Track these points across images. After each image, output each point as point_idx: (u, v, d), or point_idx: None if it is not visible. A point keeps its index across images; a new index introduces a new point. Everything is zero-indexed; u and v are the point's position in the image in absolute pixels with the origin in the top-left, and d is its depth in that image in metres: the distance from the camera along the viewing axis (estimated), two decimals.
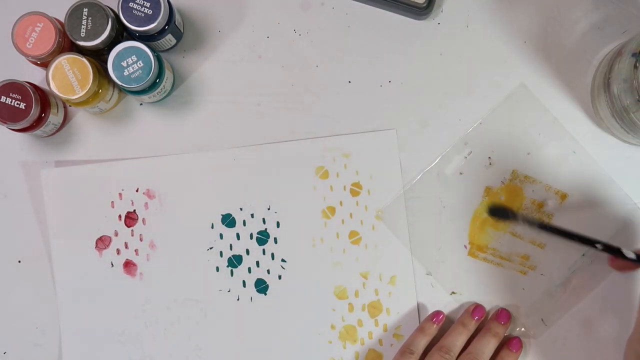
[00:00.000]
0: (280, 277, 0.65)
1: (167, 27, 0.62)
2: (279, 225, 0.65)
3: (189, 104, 0.66)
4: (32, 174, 0.65)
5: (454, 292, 0.64)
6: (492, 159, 0.64)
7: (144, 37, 0.62)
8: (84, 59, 0.60)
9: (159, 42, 0.63)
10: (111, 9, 0.61)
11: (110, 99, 0.64)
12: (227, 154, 0.65)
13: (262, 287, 0.65)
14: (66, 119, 0.66)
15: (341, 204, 0.65)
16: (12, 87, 0.61)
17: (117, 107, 0.66)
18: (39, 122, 0.62)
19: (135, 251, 0.65)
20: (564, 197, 0.64)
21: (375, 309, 0.64)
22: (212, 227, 0.65)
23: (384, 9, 0.65)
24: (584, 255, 0.63)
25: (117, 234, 0.65)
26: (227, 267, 0.65)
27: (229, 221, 0.65)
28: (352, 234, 0.65)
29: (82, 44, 0.60)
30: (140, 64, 0.60)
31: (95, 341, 0.64)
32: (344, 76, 0.65)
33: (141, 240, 0.65)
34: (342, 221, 0.65)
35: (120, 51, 0.60)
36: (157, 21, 0.60)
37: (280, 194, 0.65)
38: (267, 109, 0.65)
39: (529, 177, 0.64)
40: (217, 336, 0.64)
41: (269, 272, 0.65)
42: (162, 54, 0.63)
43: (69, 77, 0.60)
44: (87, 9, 0.60)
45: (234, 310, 0.64)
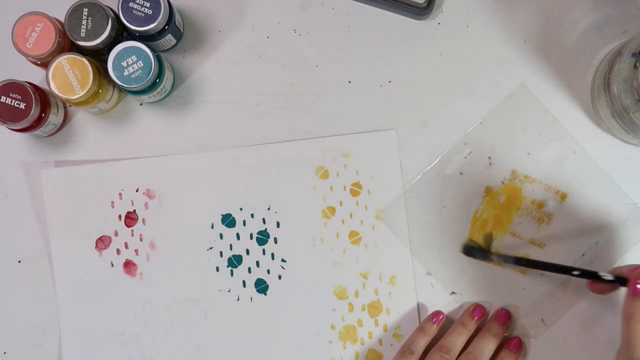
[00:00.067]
0: (280, 277, 0.64)
1: (167, 27, 0.62)
2: (279, 225, 0.65)
3: (189, 104, 0.66)
4: (32, 174, 0.65)
5: (454, 292, 0.64)
6: (492, 159, 0.64)
7: (144, 37, 0.62)
8: (84, 59, 0.60)
9: (159, 42, 0.63)
10: (111, 9, 0.61)
11: (110, 99, 0.64)
12: (227, 154, 0.65)
13: (262, 287, 0.65)
14: (66, 119, 0.66)
15: (341, 204, 0.65)
16: (12, 87, 0.61)
17: (117, 107, 0.66)
18: (39, 122, 0.62)
19: (135, 251, 0.65)
20: (564, 197, 0.64)
21: (375, 309, 0.64)
22: (212, 227, 0.65)
23: (384, 9, 0.65)
24: (584, 255, 0.63)
25: (117, 234, 0.65)
26: (227, 267, 0.65)
27: (229, 221, 0.65)
28: (352, 234, 0.65)
29: (82, 44, 0.60)
30: (140, 64, 0.60)
31: (95, 341, 0.64)
32: (344, 76, 0.65)
33: (141, 240, 0.65)
34: (342, 221, 0.65)
35: (120, 51, 0.60)
36: (157, 21, 0.60)
37: (280, 194, 0.65)
38: (267, 109, 0.65)
39: (529, 177, 0.64)
40: (217, 336, 0.64)
41: (269, 272, 0.65)
42: (162, 54, 0.63)
43: (69, 77, 0.60)
44: (87, 9, 0.60)
45: (234, 310, 0.64)
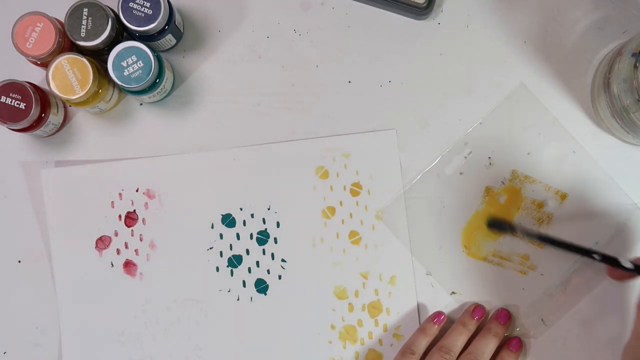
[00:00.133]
0: (280, 277, 0.64)
1: (167, 27, 0.62)
2: (279, 225, 0.65)
3: (189, 104, 0.66)
4: (32, 174, 0.65)
5: (454, 292, 0.64)
6: (492, 159, 0.64)
7: (144, 37, 0.62)
8: (84, 59, 0.60)
9: (159, 42, 0.63)
10: (111, 9, 0.61)
11: (110, 99, 0.64)
12: (227, 154, 0.65)
13: (262, 287, 0.65)
14: (66, 119, 0.66)
15: (341, 204, 0.65)
16: (12, 87, 0.61)
17: (117, 107, 0.66)
18: (39, 122, 0.62)
19: (135, 251, 0.65)
20: (564, 197, 0.64)
21: (375, 309, 0.64)
22: (212, 227, 0.65)
23: (384, 9, 0.65)
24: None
25: (117, 234, 0.65)
26: (227, 267, 0.65)
27: (229, 221, 0.65)
28: (352, 234, 0.65)
29: (82, 44, 0.60)
30: (140, 64, 0.60)
31: (95, 341, 0.64)
32: (344, 76, 0.65)
33: (141, 240, 0.65)
34: (342, 221, 0.65)
35: (120, 51, 0.60)
36: (157, 21, 0.60)
37: (280, 194, 0.65)
38: (267, 109, 0.65)
39: (529, 177, 0.64)
40: (217, 336, 0.64)
41: (269, 272, 0.65)
42: (162, 54, 0.63)
43: (69, 77, 0.60)
44: (87, 9, 0.60)
45: (234, 310, 0.64)
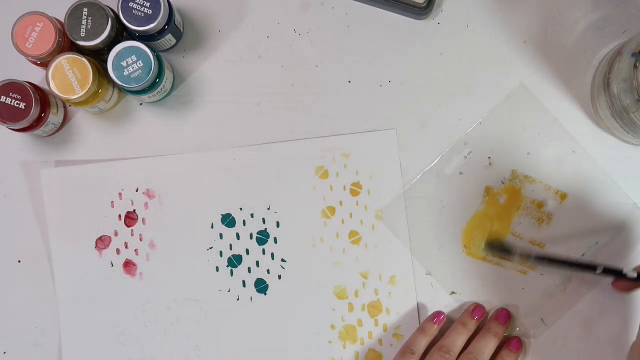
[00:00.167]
0: (280, 277, 0.64)
1: (167, 27, 0.62)
2: (279, 225, 0.65)
3: (189, 104, 0.66)
4: (32, 174, 0.65)
5: (454, 292, 0.64)
6: (492, 159, 0.64)
7: (144, 37, 0.62)
8: (84, 59, 0.60)
9: (159, 42, 0.63)
10: (111, 9, 0.61)
11: (110, 99, 0.64)
12: (227, 154, 0.65)
13: (262, 287, 0.65)
14: (66, 119, 0.66)
15: (341, 204, 0.65)
16: (12, 87, 0.60)
17: (117, 107, 0.66)
18: (39, 122, 0.62)
19: (135, 251, 0.65)
20: (564, 197, 0.64)
21: (375, 309, 0.64)
22: (212, 227, 0.65)
23: (384, 9, 0.65)
24: (584, 255, 0.63)
25: (117, 234, 0.65)
26: (227, 267, 0.65)
27: (229, 221, 0.65)
28: (352, 234, 0.65)
29: (82, 44, 0.60)
30: (140, 64, 0.60)
31: (95, 341, 0.64)
32: (344, 76, 0.65)
33: (141, 240, 0.65)
34: (342, 221, 0.65)
35: (120, 51, 0.60)
36: (157, 21, 0.60)
37: (280, 194, 0.65)
38: (267, 109, 0.65)
39: (529, 177, 0.64)
40: (217, 336, 0.64)
41: (269, 272, 0.65)
42: (162, 54, 0.63)
43: (69, 77, 0.60)
44: (87, 9, 0.60)
45: (234, 310, 0.64)
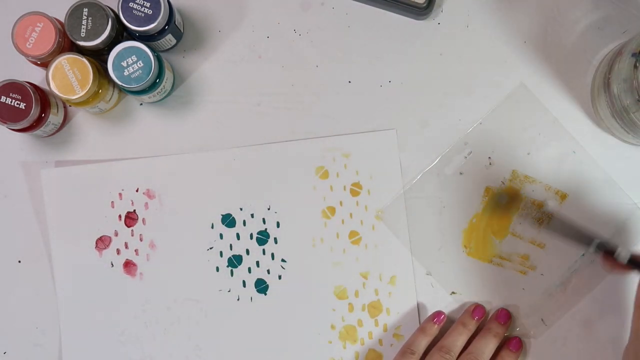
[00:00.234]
0: (280, 277, 0.64)
1: (167, 27, 0.62)
2: (279, 225, 0.65)
3: (189, 104, 0.66)
4: (32, 174, 0.65)
5: (454, 292, 0.64)
6: (492, 159, 0.64)
7: (144, 37, 0.62)
8: (84, 59, 0.60)
9: (159, 42, 0.63)
10: (111, 9, 0.61)
11: (110, 99, 0.64)
12: (227, 154, 0.65)
13: (262, 287, 0.65)
14: (66, 119, 0.66)
15: (341, 204, 0.65)
16: (12, 87, 0.60)
17: (117, 107, 0.66)
18: (39, 122, 0.62)
19: (135, 251, 0.65)
20: (563, 197, 0.64)
21: (375, 309, 0.64)
22: (212, 227, 0.65)
23: (384, 9, 0.65)
24: (584, 255, 0.63)
25: (117, 234, 0.65)
26: (227, 267, 0.65)
27: (229, 221, 0.65)
28: (352, 234, 0.65)
29: (82, 44, 0.60)
30: (140, 64, 0.60)
31: (95, 341, 0.64)
32: (344, 76, 0.65)
33: (141, 240, 0.65)
34: (342, 221, 0.65)
35: (120, 51, 0.60)
36: (157, 21, 0.60)
37: (280, 194, 0.65)
38: (267, 109, 0.65)
39: (529, 177, 0.64)
40: (217, 336, 0.64)
41: (269, 272, 0.65)
42: (162, 54, 0.63)
43: (69, 77, 0.60)
44: (87, 9, 0.60)
45: (234, 310, 0.64)
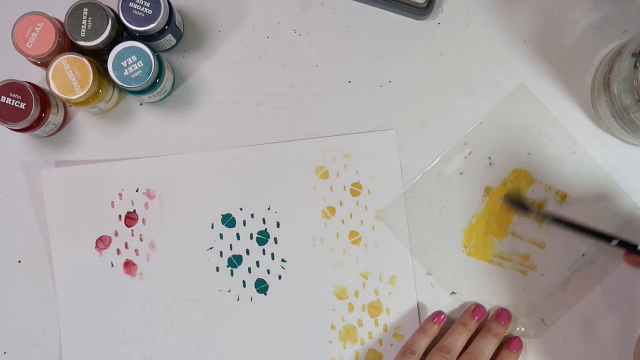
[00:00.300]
0: (280, 277, 0.64)
1: (167, 27, 0.62)
2: (279, 225, 0.65)
3: (189, 104, 0.66)
4: (32, 174, 0.65)
5: (454, 292, 0.64)
6: (492, 159, 0.64)
7: (144, 37, 0.62)
8: (84, 59, 0.60)
9: (159, 42, 0.63)
10: (111, 9, 0.61)
11: (110, 99, 0.64)
12: (227, 154, 0.65)
13: (262, 287, 0.65)
14: (66, 119, 0.66)
15: (341, 204, 0.65)
16: (12, 87, 0.60)
17: (117, 107, 0.66)
18: (39, 122, 0.62)
19: (135, 251, 0.65)
20: (564, 197, 0.64)
21: (375, 309, 0.64)
22: (212, 227, 0.65)
23: (384, 9, 0.65)
24: (584, 255, 0.63)
25: (117, 234, 0.65)
26: (227, 267, 0.65)
27: (229, 221, 0.65)
28: (352, 234, 0.65)
29: (82, 44, 0.60)
30: (140, 64, 0.60)
31: (95, 341, 0.64)
32: (344, 76, 0.65)
33: (141, 240, 0.65)
34: (342, 221, 0.65)
35: (120, 51, 0.60)
36: (157, 21, 0.60)
37: (280, 194, 0.65)
38: (267, 109, 0.65)
39: (529, 177, 0.64)
40: (217, 336, 0.64)
41: (269, 272, 0.65)
42: (162, 54, 0.63)
43: (69, 77, 0.60)
44: (87, 9, 0.60)
45: (234, 310, 0.64)
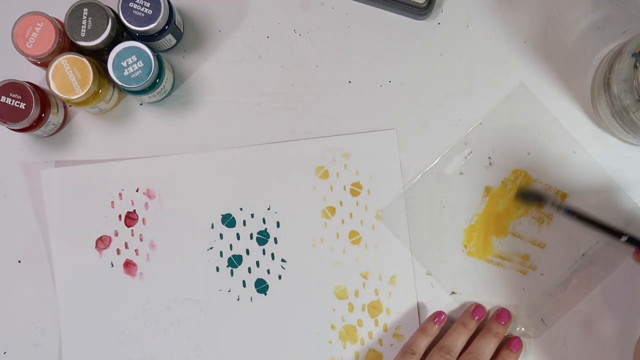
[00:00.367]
0: (280, 277, 0.64)
1: (167, 27, 0.62)
2: (279, 225, 0.65)
3: (189, 104, 0.66)
4: (32, 174, 0.65)
5: (454, 292, 0.64)
6: (492, 159, 0.64)
7: (144, 37, 0.62)
8: (84, 59, 0.60)
9: (159, 42, 0.63)
10: (111, 9, 0.61)
11: (110, 99, 0.64)
12: (227, 154, 0.65)
13: (262, 287, 0.65)
14: (66, 119, 0.66)
15: (341, 204, 0.65)
16: (12, 87, 0.60)
17: (117, 107, 0.66)
18: (39, 122, 0.62)
19: (135, 251, 0.65)
20: (564, 197, 0.64)
21: (375, 309, 0.64)
22: (212, 227, 0.65)
23: (384, 9, 0.65)
24: (584, 255, 0.63)
25: (117, 234, 0.65)
26: (227, 267, 0.65)
27: (229, 221, 0.65)
28: (352, 234, 0.65)
29: (82, 44, 0.60)
30: (140, 64, 0.60)
31: (95, 341, 0.64)
32: (344, 76, 0.65)
33: (141, 240, 0.65)
34: (342, 221, 0.65)
35: (120, 51, 0.60)
36: (157, 21, 0.60)
37: (280, 194, 0.65)
38: (267, 109, 0.65)
39: (529, 177, 0.64)
40: (217, 336, 0.64)
41: (269, 272, 0.65)
42: (162, 54, 0.63)
43: (69, 77, 0.60)
44: (87, 9, 0.60)
45: (234, 310, 0.64)
